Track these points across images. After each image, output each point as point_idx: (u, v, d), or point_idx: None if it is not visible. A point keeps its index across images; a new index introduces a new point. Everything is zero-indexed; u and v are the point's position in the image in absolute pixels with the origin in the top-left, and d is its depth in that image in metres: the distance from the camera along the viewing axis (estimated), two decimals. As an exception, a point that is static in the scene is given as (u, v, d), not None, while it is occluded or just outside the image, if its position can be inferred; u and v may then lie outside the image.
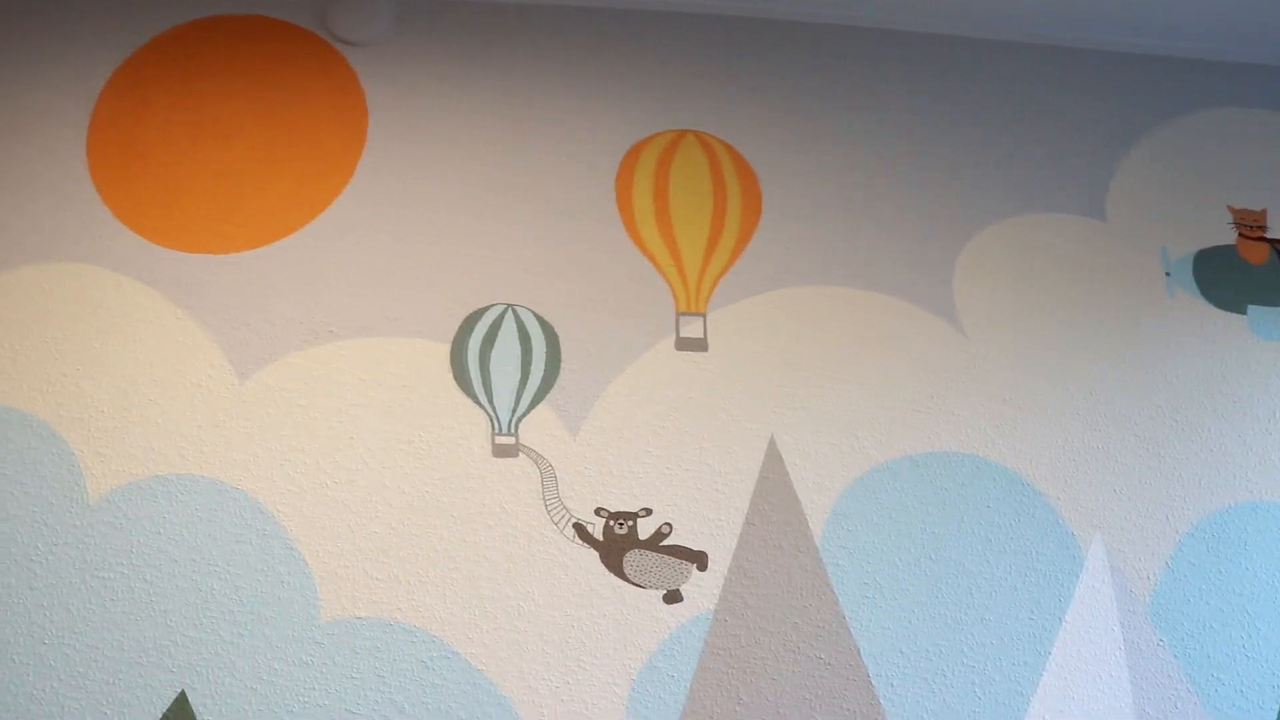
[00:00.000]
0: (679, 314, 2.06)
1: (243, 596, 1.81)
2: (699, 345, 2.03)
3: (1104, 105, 2.43)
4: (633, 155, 2.14)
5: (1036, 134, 2.36)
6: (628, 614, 1.89)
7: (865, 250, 2.18)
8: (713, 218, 2.10)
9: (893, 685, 1.94)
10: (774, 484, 1.98)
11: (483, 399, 1.96)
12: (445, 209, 2.08)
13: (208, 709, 1.75)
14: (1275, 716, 2.08)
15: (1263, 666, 2.11)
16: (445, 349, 1.99)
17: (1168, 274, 2.29)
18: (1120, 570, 2.08)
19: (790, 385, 2.05)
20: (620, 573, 1.91)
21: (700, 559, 1.94)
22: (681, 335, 2.04)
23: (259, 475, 1.87)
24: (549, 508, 1.92)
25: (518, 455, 1.94)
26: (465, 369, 1.97)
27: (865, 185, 2.24)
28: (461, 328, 2.01)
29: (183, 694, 1.76)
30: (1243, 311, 2.31)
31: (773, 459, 2.00)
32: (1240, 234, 2.36)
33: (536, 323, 2.02)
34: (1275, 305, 2.33)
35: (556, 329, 2.02)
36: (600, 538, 1.92)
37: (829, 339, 2.10)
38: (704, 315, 2.05)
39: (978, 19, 2.36)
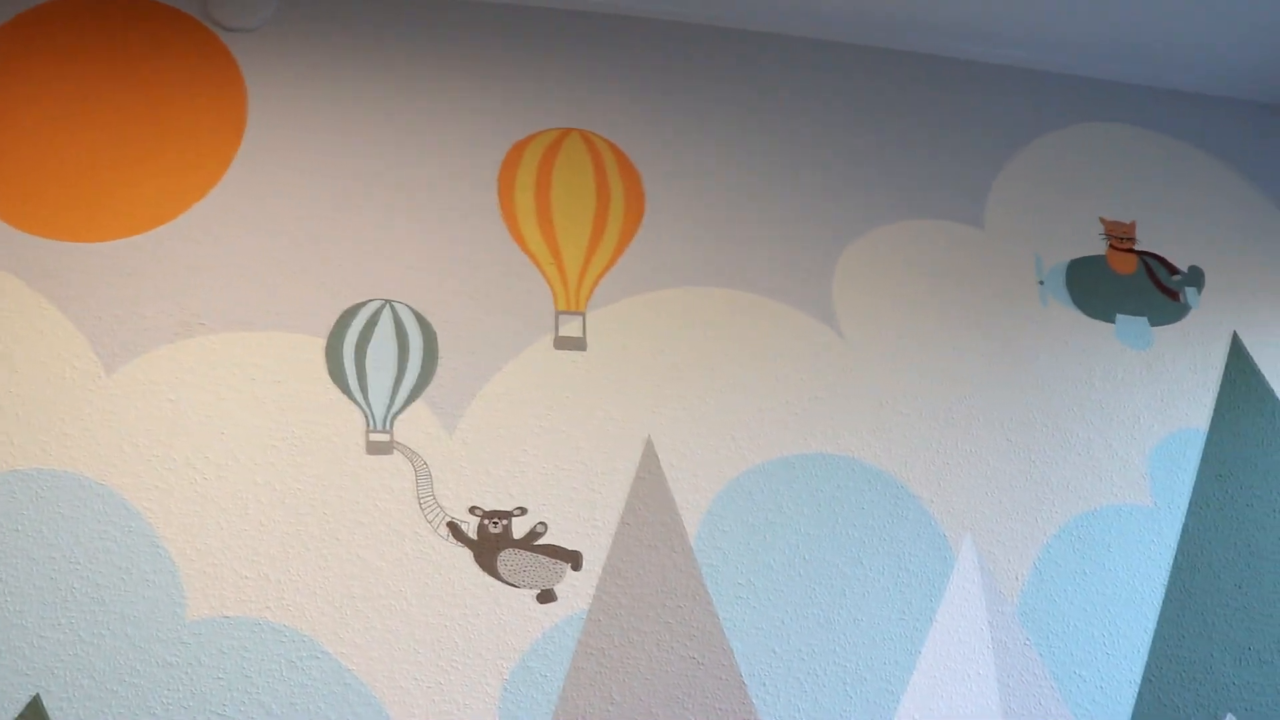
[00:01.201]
0: (558, 313, 2.19)
1: (105, 596, 1.86)
2: (578, 344, 2.16)
3: (985, 116, 2.65)
4: (516, 152, 2.27)
5: (919, 141, 2.57)
6: (501, 614, 2.00)
7: (746, 252, 2.34)
8: (595, 217, 2.24)
9: (765, 685, 2.10)
10: (650, 484, 2.13)
11: (358, 395, 2.06)
12: (324, 202, 2.18)
13: (64, 713, 1.80)
14: (1131, 712, 2.28)
15: (1121, 663, 2.32)
16: (321, 344, 2.08)
17: (1041, 282, 2.51)
18: (990, 571, 2.27)
19: (668, 386, 2.20)
20: (494, 572, 2.02)
21: (575, 559, 2.06)
22: (560, 334, 2.17)
23: (125, 471, 1.93)
24: (423, 506, 2.03)
25: (392, 452, 2.04)
26: (341, 364, 2.06)
27: (748, 187, 2.40)
28: (338, 323, 2.10)
29: (37, 698, 1.79)
30: (1111, 320, 2.54)
31: (649, 459, 2.14)
32: (1111, 245, 2.59)
33: (414, 319, 2.12)
34: (1142, 315, 2.56)
35: (434, 326, 2.13)
36: (474, 537, 2.03)
37: (708, 340, 2.25)
38: (583, 314, 2.19)
39: (866, 27, 2.56)
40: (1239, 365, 2.65)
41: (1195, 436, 2.54)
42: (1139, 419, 2.50)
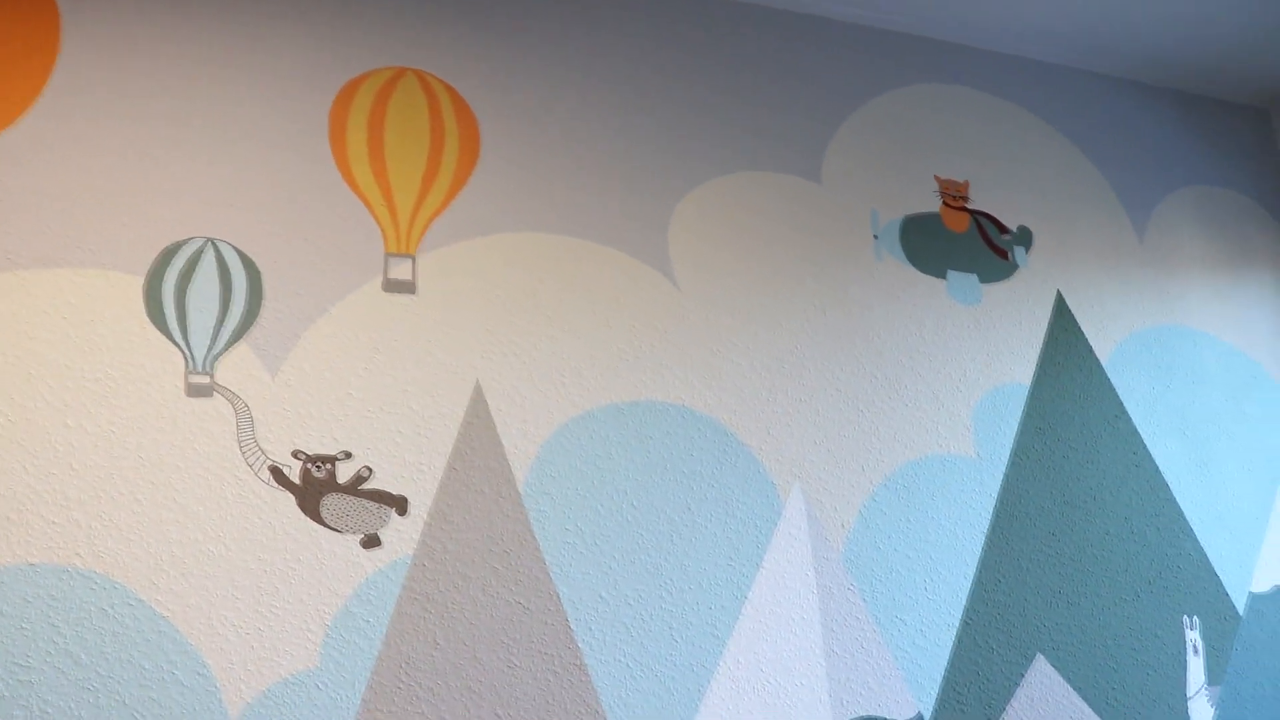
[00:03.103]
0: (388, 255, 2.36)
1: (-104, 542, 1.93)
2: (407, 288, 2.34)
3: (827, 72, 2.93)
4: (348, 91, 2.42)
5: (760, 94, 2.83)
6: (324, 559, 2.16)
7: (583, 199, 2.56)
8: (428, 159, 2.41)
9: (591, 630, 2.32)
10: (478, 429, 2.32)
11: (177, 336, 2.17)
12: (145, 133, 2.28)
13: None
14: (949, 653, 2.59)
15: (941, 608, 2.62)
16: (139, 282, 2.19)
17: (876, 237, 2.79)
18: (817, 518, 2.55)
19: (499, 331, 2.39)
20: (317, 517, 2.18)
21: (400, 504, 2.24)
22: (390, 277, 2.34)
23: (-78, 413, 2.00)
24: (244, 450, 2.16)
25: (213, 395, 2.17)
26: (160, 304, 2.17)
27: (587, 133, 2.62)
28: (157, 261, 2.21)
29: None
30: (942, 276, 2.85)
31: (478, 404, 2.34)
32: (945, 203, 2.90)
33: (238, 258, 2.26)
34: (972, 272, 2.89)
35: (259, 266, 2.27)
36: (297, 481, 2.18)
37: (541, 286, 2.46)
38: (413, 258, 2.36)
39: (711, -21, 2.79)
40: (1062, 322, 3.00)
41: (1018, 391, 2.87)
42: (966, 373, 2.82)
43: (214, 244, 2.24)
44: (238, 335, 2.20)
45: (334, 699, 2.10)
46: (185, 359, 2.16)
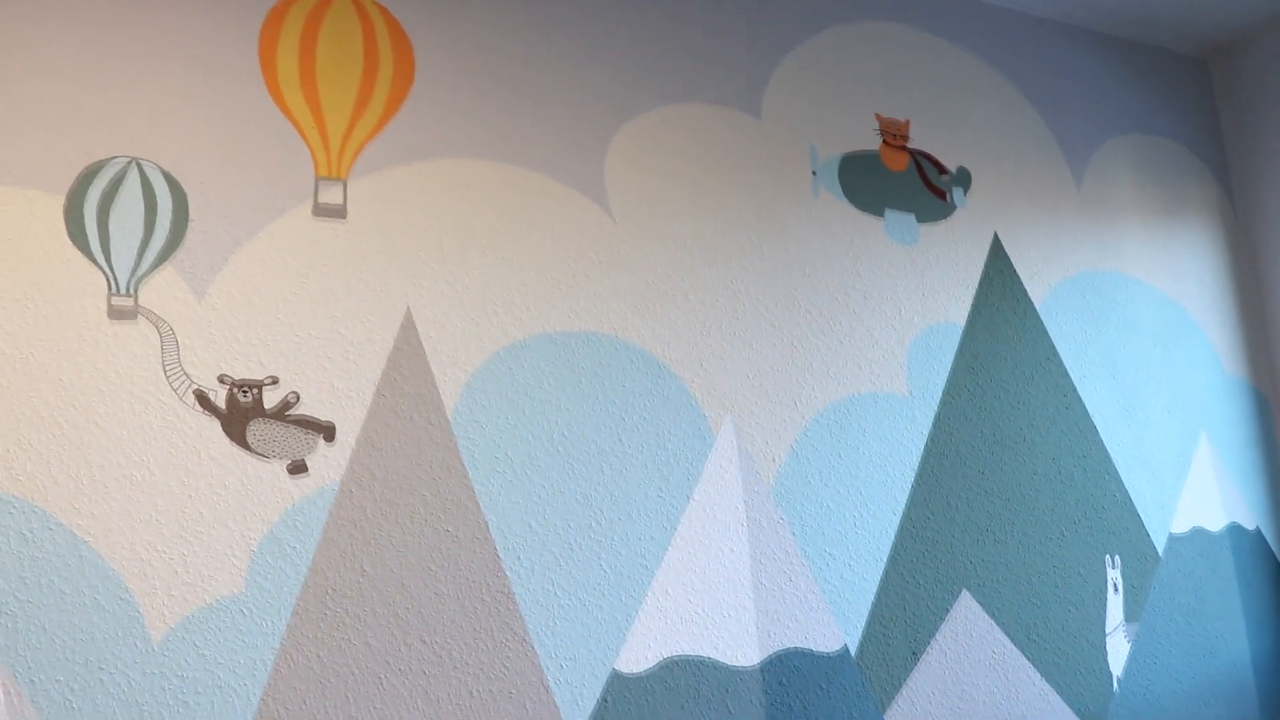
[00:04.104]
0: (318, 179, 2.31)
1: None
2: (338, 212, 2.29)
3: (771, 4, 2.90)
4: (280, 11, 2.36)
5: (702, 25, 2.79)
6: (249, 485, 2.14)
7: (519, 126, 2.52)
8: (361, 82, 2.36)
9: (520, 559, 2.31)
10: (408, 356, 2.29)
11: (100, 257, 2.12)
12: (65, 48, 2.21)
13: None
14: (876, 587, 2.62)
15: (870, 543, 2.65)
16: (59, 201, 2.13)
17: (815, 174, 2.78)
18: (748, 452, 2.55)
19: (431, 258, 2.36)
20: (243, 442, 2.15)
21: (328, 430, 2.21)
22: (320, 201, 2.30)
23: None
24: (169, 374, 2.12)
25: (136, 318, 2.12)
26: (81, 224, 2.12)
27: (525, 59, 2.57)
28: (79, 180, 2.15)
29: None
30: (880, 214, 2.85)
31: (408, 331, 2.31)
32: (885, 142, 2.89)
33: (163, 179, 2.20)
34: (910, 211, 2.88)
35: (185, 187, 2.22)
36: (223, 406, 2.15)
37: (474, 213, 2.42)
38: (344, 182, 2.32)
39: (655, -92, 2.74)
40: (997, 265, 3.01)
41: (952, 330, 2.89)
42: (900, 311, 2.83)
43: (138, 164, 2.19)
44: (162, 258, 2.16)
45: (259, 625, 2.09)
46: (108, 281, 2.11)
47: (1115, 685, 2.97)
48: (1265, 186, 3.47)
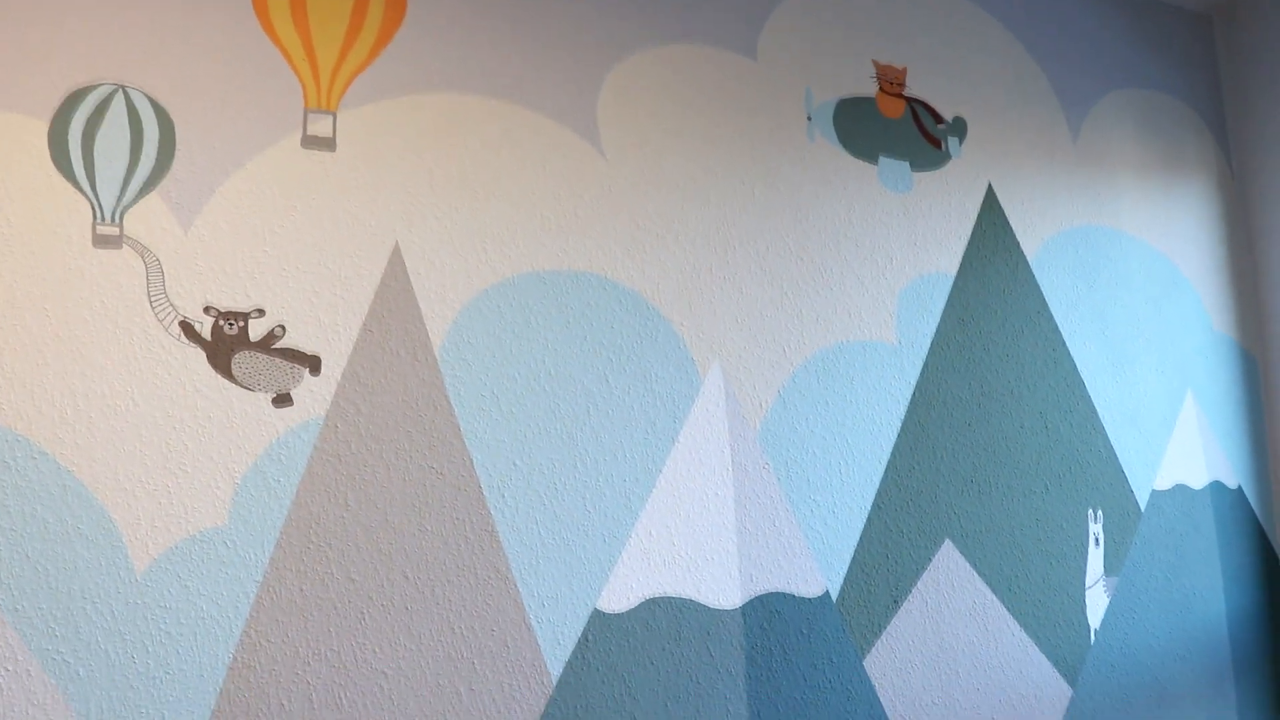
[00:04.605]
0: (307, 110, 2.28)
1: None
2: (326, 144, 2.26)
3: (770, -53, 2.84)
4: (269, -63, 2.31)
5: (699, -33, 2.74)
6: (234, 417, 2.12)
7: (511, 62, 2.48)
8: (352, 14, 2.32)
9: (504, 496, 2.31)
10: (396, 292, 2.27)
11: (85, 184, 2.09)
12: (48, -28, 2.17)
13: None
14: (859, 535, 2.62)
15: (854, 491, 2.65)
16: (43, 127, 2.10)
17: (810, 118, 2.74)
18: (735, 396, 2.54)
19: (420, 193, 2.33)
20: (228, 374, 2.13)
21: (313, 363, 2.20)
22: (309, 133, 2.26)
23: None
24: (154, 304, 2.10)
25: (122, 247, 2.10)
26: (66, 151, 2.09)
27: (518, -3, 2.53)
28: (64, 105, 2.12)
29: None
30: (874, 161, 2.82)
31: (396, 266, 2.28)
32: (881, 88, 2.86)
33: (150, 107, 2.17)
34: (904, 159, 2.85)
35: (172, 115, 2.18)
36: (208, 337, 2.13)
37: (465, 149, 2.39)
38: (334, 114, 2.28)
39: None
40: (991, 216, 2.99)
41: (943, 281, 2.87)
42: (892, 259, 2.81)
43: (124, 91, 2.15)
44: (149, 187, 2.13)
45: (242, 557, 2.08)
46: (93, 209, 2.09)
47: (1092, 637, 2.99)
48: (1264, 146, 3.44)
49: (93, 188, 2.10)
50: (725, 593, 2.51)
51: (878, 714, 2.67)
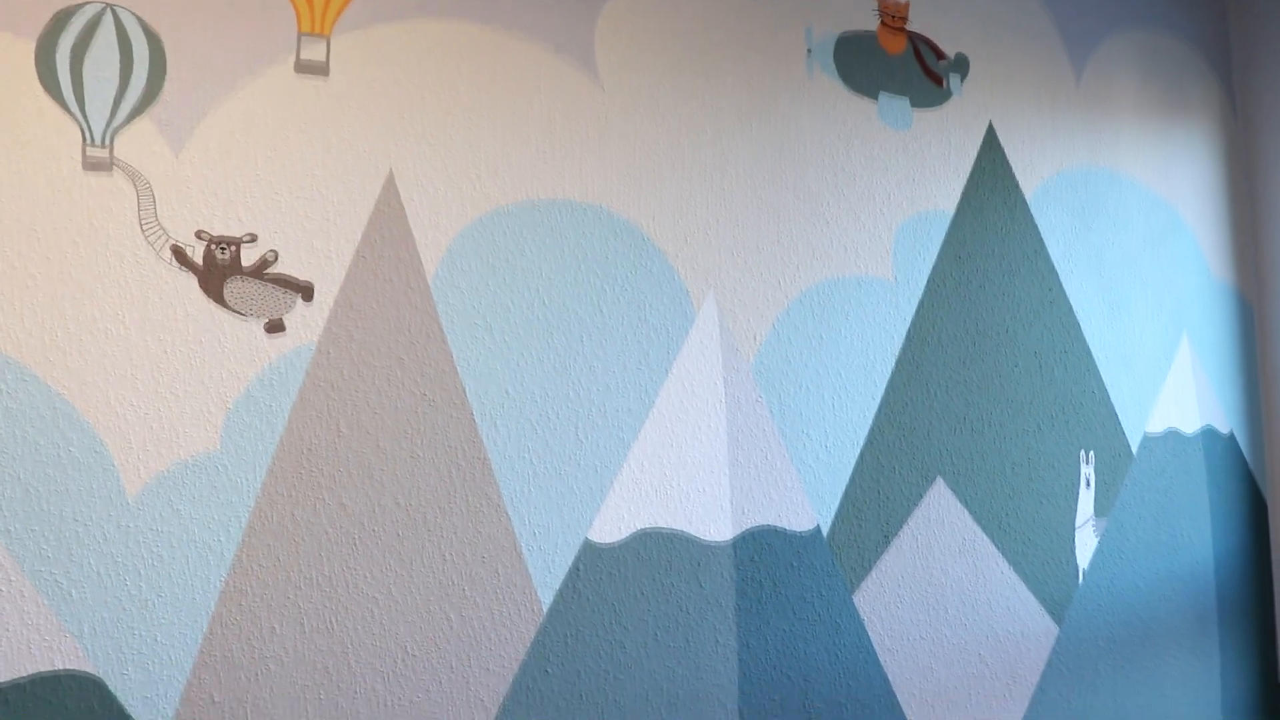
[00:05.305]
0: (300, 34, 2.23)
1: None
2: (320, 69, 2.22)
3: (772, -124, 2.78)
4: None
5: (700, -107, 2.68)
6: (226, 342, 2.11)
7: (508, -11, 2.43)
8: (347, -66, 2.27)
9: (497, 425, 2.30)
10: (389, 218, 2.24)
11: (73, 106, 2.06)
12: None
13: None
14: (851, 470, 2.62)
15: (847, 426, 2.65)
16: (30, 46, 2.05)
17: (810, 52, 2.70)
18: (729, 329, 2.52)
19: (415, 119, 2.30)
20: (220, 299, 2.11)
21: (306, 290, 2.17)
22: (302, 58, 2.22)
23: None
24: (145, 228, 2.08)
25: (112, 170, 2.07)
26: (54, 72, 2.05)
27: (515, -80, 2.48)
28: (51, 24, 2.07)
29: None
30: (874, 97, 2.78)
31: (389, 193, 2.25)
32: (883, 23, 2.81)
33: (140, 28, 2.12)
34: (904, 95, 2.81)
35: (162, 37, 2.14)
36: (200, 263, 2.11)
37: (460, 76, 2.35)
38: (327, 39, 2.24)
39: None
40: (990, 154, 2.95)
41: (941, 218, 2.84)
42: (890, 196, 2.78)
43: (113, 10, 2.11)
44: (139, 109, 2.10)
45: (234, 482, 2.08)
46: (82, 131, 2.06)
47: (1080, 578, 3.00)
48: (1269, 91, 3.40)
49: (82, 110, 2.07)
50: (716, 525, 2.51)
51: (865, 648, 2.68)
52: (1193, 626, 3.22)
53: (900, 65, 2.83)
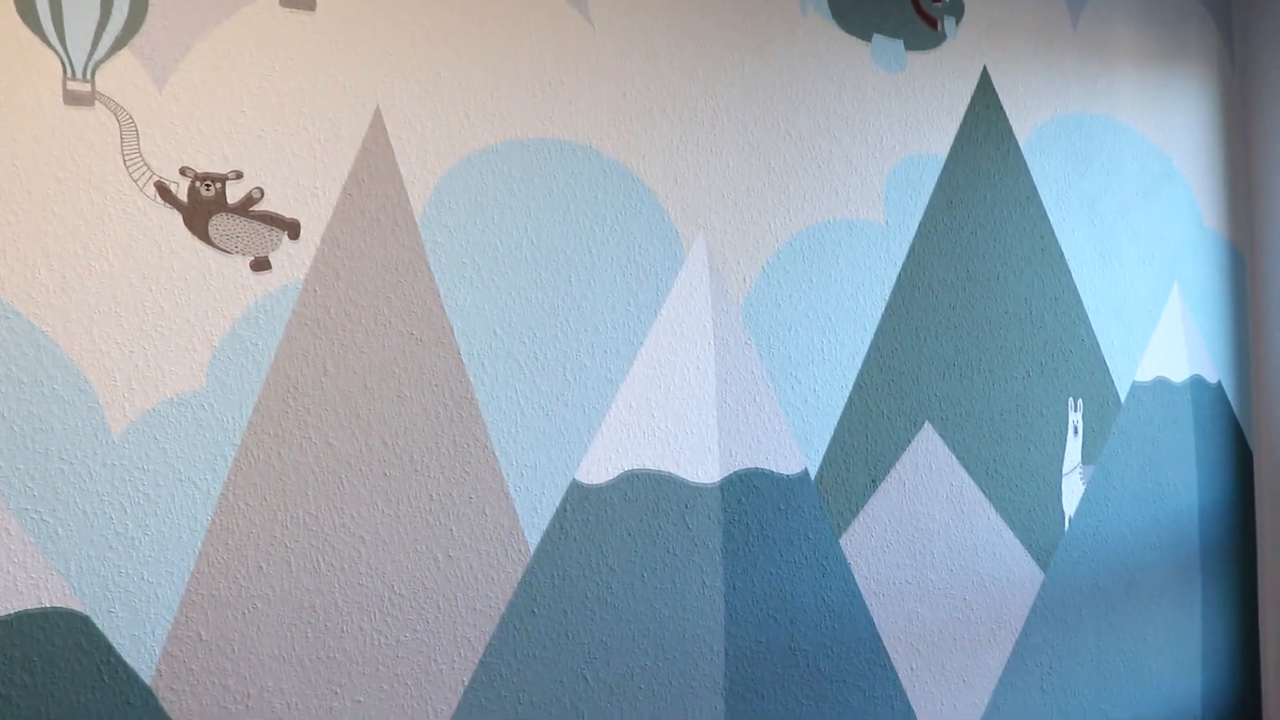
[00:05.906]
0: (286, -35, 2.19)
1: None
2: (306, 4, 2.18)
3: None
4: None
5: None
6: (211, 280, 2.08)
7: (497, -77, 2.38)
8: None
9: (484, 364, 2.28)
10: (376, 156, 2.21)
11: (53, 38, 2.02)
12: None
13: None
14: (839, 414, 2.60)
15: (836, 370, 2.63)
16: (9, -24, 2.02)
17: (803, -9, 2.66)
18: (719, 270, 2.50)
19: (402, 56, 2.25)
20: (205, 236, 2.09)
21: (292, 227, 2.14)
22: (287, -11, 2.18)
23: None
24: (128, 164, 2.05)
25: (94, 105, 2.03)
26: (32, 3, 2.00)
27: None
28: (29, -46, 2.03)
29: None
30: (868, 39, 2.74)
31: (377, 130, 2.22)
32: (878, -39, 2.75)
33: (121, -42, 2.08)
34: (899, 38, 2.77)
35: (145, -33, 2.09)
36: (185, 199, 2.08)
37: (449, 13, 2.31)
38: (313, -30, 2.20)
39: None
40: (984, 99, 2.91)
41: (933, 162, 2.81)
42: (882, 140, 2.74)
43: (95, -62, 2.06)
44: (121, 43, 2.05)
45: (220, 420, 2.06)
46: (63, 64, 2.01)
47: (1066, 525, 3.00)
48: (1267, 41, 3.35)
49: (62, 42, 2.03)
50: (704, 467, 2.50)
51: (852, 591, 2.69)
52: (1176, 574, 3.23)
53: (895, 7, 2.78)
